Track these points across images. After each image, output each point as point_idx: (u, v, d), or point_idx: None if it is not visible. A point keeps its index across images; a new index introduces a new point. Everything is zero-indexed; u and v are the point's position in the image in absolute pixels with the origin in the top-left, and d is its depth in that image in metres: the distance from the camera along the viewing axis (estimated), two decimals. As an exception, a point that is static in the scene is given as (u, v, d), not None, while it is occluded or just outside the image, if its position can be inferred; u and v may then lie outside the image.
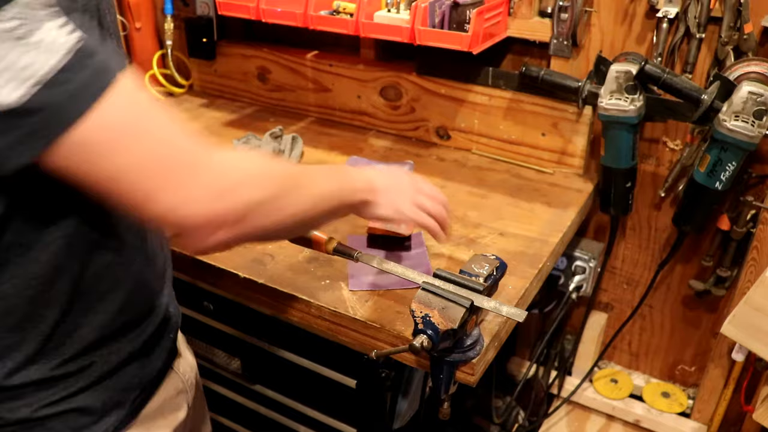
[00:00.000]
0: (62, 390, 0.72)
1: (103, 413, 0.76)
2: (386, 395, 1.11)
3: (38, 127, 0.54)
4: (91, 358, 0.73)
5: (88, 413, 0.74)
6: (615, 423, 1.68)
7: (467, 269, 0.89)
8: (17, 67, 0.53)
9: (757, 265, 1.30)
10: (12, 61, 0.52)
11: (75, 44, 0.55)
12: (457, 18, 1.25)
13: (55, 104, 0.54)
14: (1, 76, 0.52)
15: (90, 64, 0.56)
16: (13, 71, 0.53)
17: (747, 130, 1.13)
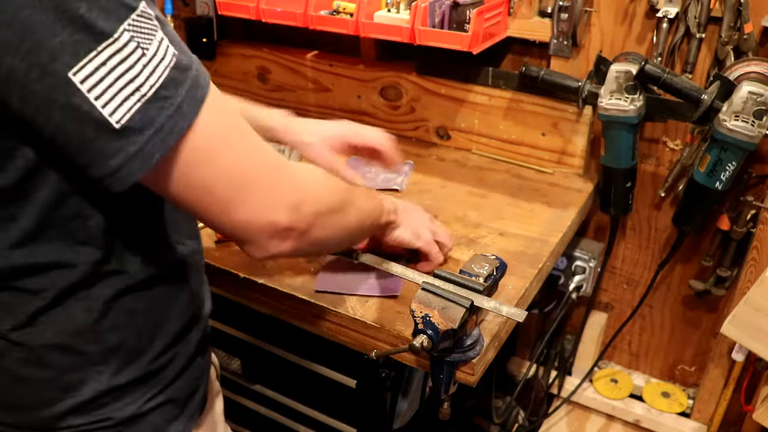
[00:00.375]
0: (158, 383, 0.74)
1: (186, 402, 0.78)
2: (386, 395, 1.11)
3: (146, 146, 0.54)
4: (176, 350, 0.75)
5: (177, 404, 0.77)
6: (615, 423, 1.68)
7: (467, 269, 0.89)
8: (129, 82, 0.53)
9: (757, 265, 1.30)
10: (127, 77, 0.53)
11: (172, 58, 0.55)
12: (457, 18, 1.25)
13: (161, 122, 0.54)
14: (118, 94, 0.52)
15: (186, 78, 0.56)
16: (127, 87, 0.53)
17: (747, 130, 1.13)
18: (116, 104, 0.52)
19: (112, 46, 0.51)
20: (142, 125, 0.54)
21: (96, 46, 0.50)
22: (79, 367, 0.68)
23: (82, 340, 0.67)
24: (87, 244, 0.64)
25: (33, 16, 0.48)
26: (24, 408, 0.69)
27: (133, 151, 0.54)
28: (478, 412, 1.72)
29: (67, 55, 0.50)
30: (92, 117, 0.52)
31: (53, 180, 0.59)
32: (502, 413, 1.69)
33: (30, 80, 0.50)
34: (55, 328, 0.66)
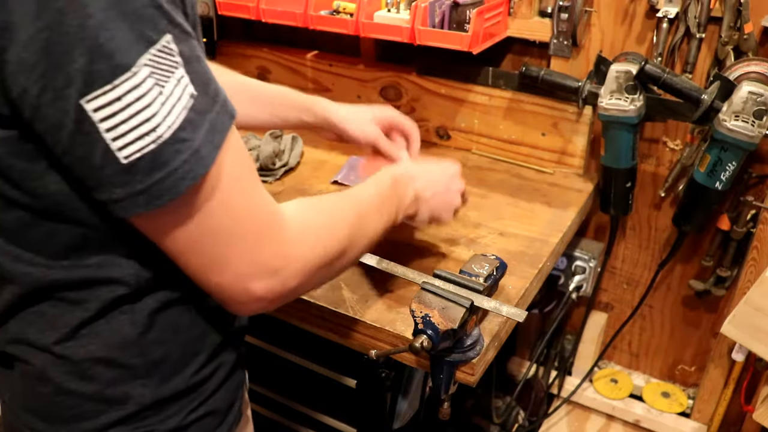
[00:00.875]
0: (200, 395, 0.73)
1: (226, 414, 0.78)
2: (386, 395, 1.11)
3: (154, 187, 0.53)
4: (218, 362, 0.74)
5: (217, 415, 0.76)
6: (615, 423, 1.68)
7: (467, 269, 0.89)
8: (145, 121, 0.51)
9: (757, 265, 1.30)
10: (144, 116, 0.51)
11: (189, 99, 0.53)
12: (457, 18, 1.25)
13: (175, 165, 0.52)
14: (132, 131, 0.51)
15: (204, 121, 0.54)
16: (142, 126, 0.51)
17: (747, 130, 1.13)
18: (128, 141, 0.51)
19: (129, 81, 0.49)
20: (153, 166, 0.52)
21: (113, 79, 0.49)
22: (124, 381, 0.67)
23: (126, 353, 0.66)
24: (131, 258, 0.63)
25: (52, 39, 0.47)
26: (66, 420, 0.68)
27: (139, 188, 0.52)
28: (478, 412, 1.72)
29: (82, 83, 0.48)
30: (101, 147, 0.51)
31: (83, 205, 0.58)
32: (502, 413, 1.69)
33: (42, 102, 0.49)
34: (99, 341, 0.65)
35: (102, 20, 0.47)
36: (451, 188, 0.98)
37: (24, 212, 0.58)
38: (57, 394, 0.67)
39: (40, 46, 0.47)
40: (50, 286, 0.62)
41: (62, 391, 0.66)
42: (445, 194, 0.96)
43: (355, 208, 0.76)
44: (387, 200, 0.82)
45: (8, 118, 0.52)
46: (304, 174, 1.41)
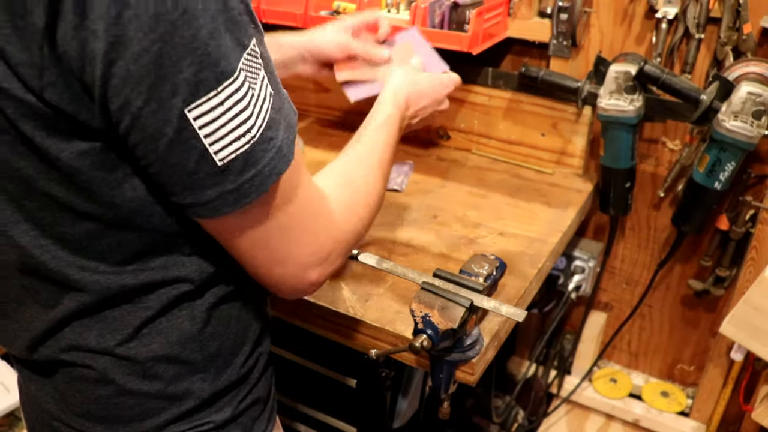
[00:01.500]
0: (248, 384, 0.75)
1: (267, 400, 0.80)
2: (386, 395, 1.11)
3: (244, 185, 0.55)
4: (259, 351, 0.77)
5: (260, 403, 0.78)
6: (614, 422, 1.69)
7: (467, 269, 0.89)
8: (242, 123, 0.53)
9: (755, 264, 1.30)
10: (241, 118, 0.53)
11: (270, 99, 0.55)
12: (456, 18, 1.26)
13: (264, 163, 0.55)
14: (229, 134, 0.52)
15: (282, 119, 0.57)
16: (239, 128, 0.53)
17: (746, 130, 1.13)
18: (224, 143, 0.52)
19: (230, 86, 0.51)
20: (245, 166, 0.54)
21: (217, 86, 0.50)
22: (184, 377, 0.68)
23: (186, 349, 0.67)
24: (194, 255, 0.64)
25: (163, 50, 0.48)
26: (125, 420, 0.68)
27: (230, 188, 0.54)
28: (478, 411, 1.72)
29: (188, 92, 0.49)
30: (197, 152, 0.52)
31: (158, 210, 0.60)
32: (502, 413, 1.69)
33: (145, 112, 0.50)
34: (161, 339, 0.66)
35: (211, 30, 0.49)
36: (437, 109, 1.06)
37: (95, 223, 0.59)
38: (118, 395, 0.67)
39: (150, 59, 0.48)
40: (118, 291, 0.62)
41: (124, 391, 0.66)
42: (428, 117, 1.04)
43: (378, 167, 0.80)
44: (395, 141, 0.88)
45: (99, 131, 0.53)
46: (304, 174, 1.41)
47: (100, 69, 0.48)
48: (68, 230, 0.59)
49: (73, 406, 0.69)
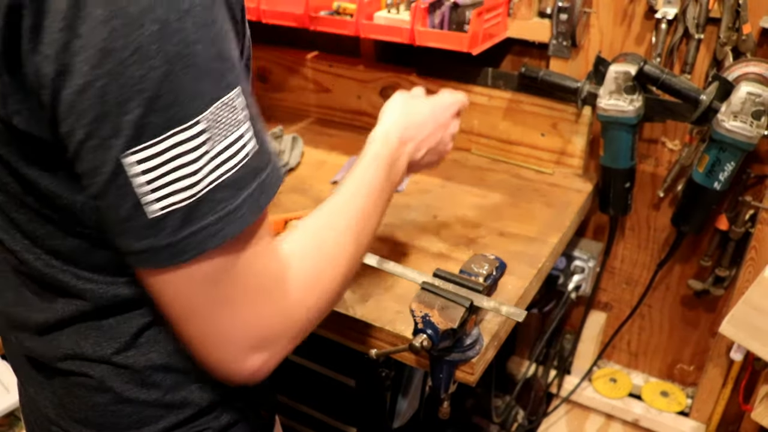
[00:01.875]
0: (247, 392, 0.74)
1: (266, 405, 0.79)
2: (386, 395, 1.12)
3: (179, 243, 0.50)
4: None
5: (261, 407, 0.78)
6: (614, 422, 1.69)
7: (467, 269, 0.89)
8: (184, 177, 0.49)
9: (755, 264, 1.30)
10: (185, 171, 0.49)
11: (244, 158, 0.51)
12: (456, 18, 1.26)
13: (205, 224, 0.50)
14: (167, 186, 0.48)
15: (253, 182, 0.52)
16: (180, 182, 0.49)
17: (745, 130, 1.13)
18: (161, 195, 0.48)
19: (180, 135, 0.47)
20: (183, 223, 0.50)
21: (164, 133, 0.47)
22: (183, 385, 0.67)
23: (185, 358, 0.65)
24: None
25: (108, 88, 0.45)
26: (123, 427, 0.68)
27: (163, 243, 0.50)
28: (478, 411, 1.73)
29: (130, 134, 0.46)
30: (132, 199, 0.49)
31: None
32: (502, 412, 1.69)
33: (86, 146, 0.48)
34: (159, 348, 0.65)
35: (166, 72, 0.46)
36: (444, 135, 0.91)
37: (84, 241, 0.58)
38: (116, 403, 0.66)
39: (94, 93, 0.45)
40: (112, 301, 0.62)
41: (122, 399, 0.66)
42: (437, 146, 0.90)
43: (358, 221, 0.69)
44: (387, 185, 0.77)
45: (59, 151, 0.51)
46: (304, 174, 1.42)
47: (49, 94, 0.46)
48: (60, 243, 0.59)
49: (71, 412, 0.68)
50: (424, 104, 0.90)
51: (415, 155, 0.85)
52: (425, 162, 0.88)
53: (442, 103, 0.93)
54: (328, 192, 1.36)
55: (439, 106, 0.92)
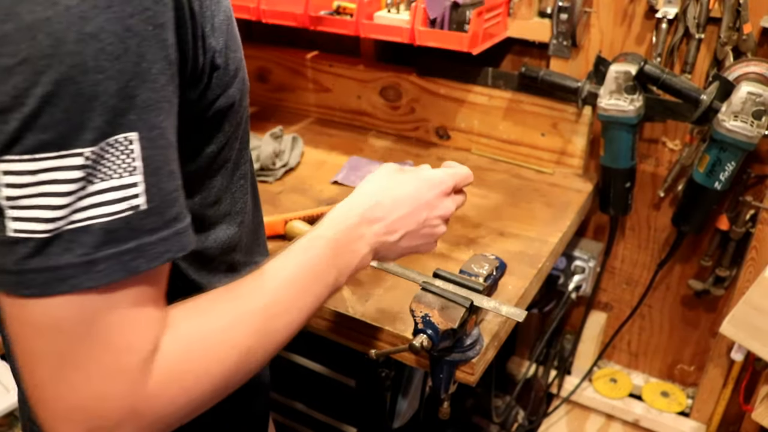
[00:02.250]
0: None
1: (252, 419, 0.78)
2: (386, 395, 1.11)
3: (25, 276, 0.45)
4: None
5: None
6: (614, 422, 1.69)
7: (467, 269, 0.89)
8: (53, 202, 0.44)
9: (755, 264, 1.30)
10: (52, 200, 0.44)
11: (125, 211, 0.46)
12: (456, 18, 1.26)
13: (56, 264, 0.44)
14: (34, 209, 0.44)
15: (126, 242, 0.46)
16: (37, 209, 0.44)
17: (746, 130, 1.13)
18: (18, 215, 0.44)
19: (54, 161, 0.43)
20: (34, 253, 0.44)
21: (36, 153, 0.43)
22: None
23: None
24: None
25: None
26: None
27: (12, 269, 0.45)
28: (478, 411, 1.72)
29: (3, 141, 0.43)
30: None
31: None
32: (502, 413, 1.69)
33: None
34: None
35: (50, 93, 0.42)
36: (430, 216, 0.75)
37: None
38: None
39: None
40: None
41: None
42: (421, 229, 0.75)
43: (261, 320, 0.57)
44: (319, 282, 0.64)
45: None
46: (305, 174, 1.41)
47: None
48: None
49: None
50: (409, 179, 0.76)
51: (387, 238, 0.71)
52: (405, 246, 0.74)
53: (431, 179, 0.77)
54: (327, 192, 1.37)
55: (427, 181, 0.76)
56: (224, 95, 0.57)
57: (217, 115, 0.57)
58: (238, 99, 0.59)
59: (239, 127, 0.62)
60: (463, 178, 0.82)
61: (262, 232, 0.79)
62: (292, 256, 0.63)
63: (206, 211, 0.63)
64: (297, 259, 0.62)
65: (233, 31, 0.57)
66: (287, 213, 1.17)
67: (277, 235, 1.16)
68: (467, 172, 0.83)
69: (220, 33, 0.54)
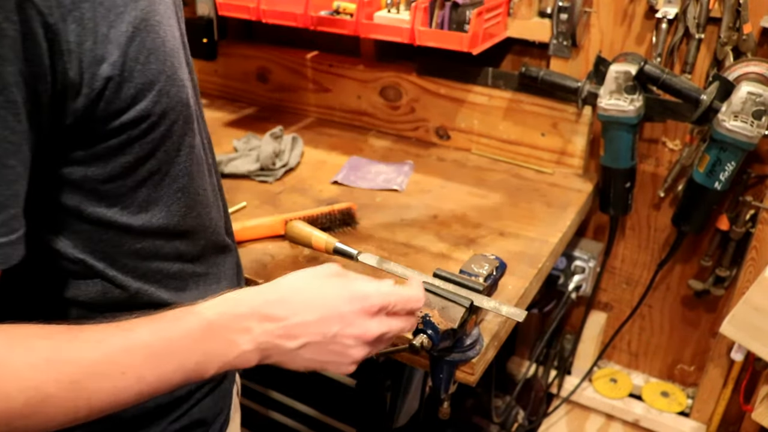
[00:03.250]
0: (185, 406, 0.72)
1: (212, 422, 0.77)
2: (386, 395, 1.11)
3: None
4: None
5: (202, 423, 0.74)
6: (614, 422, 1.69)
7: (467, 269, 0.89)
8: None
9: (756, 264, 1.30)
10: None
11: None
12: (456, 18, 1.26)
13: None
14: None
15: None
16: None
17: (746, 130, 1.13)
18: None
19: None
20: None
21: None
22: None
23: None
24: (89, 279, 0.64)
25: None
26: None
27: None
28: (478, 411, 1.72)
29: None
30: None
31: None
32: (502, 413, 1.69)
33: None
34: None
35: None
36: (342, 333, 0.63)
37: None
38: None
39: None
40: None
41: None
42: (329, 344, 0.63)
43: (84, 367, 0.52)
44: (176, 353, 0.56)
45: None
46: (304, 174, 1.41)
47: None
48: None
49: None
50: (332, 285, 0.65)
51: (283, 341, 0.61)
52: (308, 358, 0.63)
53: (356, 291, 0.64)
54: (327, 192, 1.37)
55: (350, 292, 0.64)
56: (133, 108, 0.56)
57: (127, 126, 0.57)
58: (158, 114, 0.58)
59: (166, 140, 0.61)
60: (404, 299, 0.67)
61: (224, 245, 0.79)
62: (156, 320, 0.56)
63: (132, 220, 0.63)
64: (158, 325, 0.56)
65: (147, 44, 0.56)
66: (287, 213, 1.17)
67: (277, 235, 1.16)
68: (412, 294, 0.68)
69: (116, 45, 0.53)
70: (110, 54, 0.53)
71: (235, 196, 1.28)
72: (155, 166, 0.62)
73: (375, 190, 1.34)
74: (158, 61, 0.57)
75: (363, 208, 1.25)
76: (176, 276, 0.71)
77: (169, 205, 0.65)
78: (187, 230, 0.70)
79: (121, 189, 0.61)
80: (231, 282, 0.82)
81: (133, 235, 0.64)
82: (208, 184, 0.73)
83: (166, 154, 0.62)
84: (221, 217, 0.78)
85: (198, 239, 0.72)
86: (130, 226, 0.63)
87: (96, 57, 0.52)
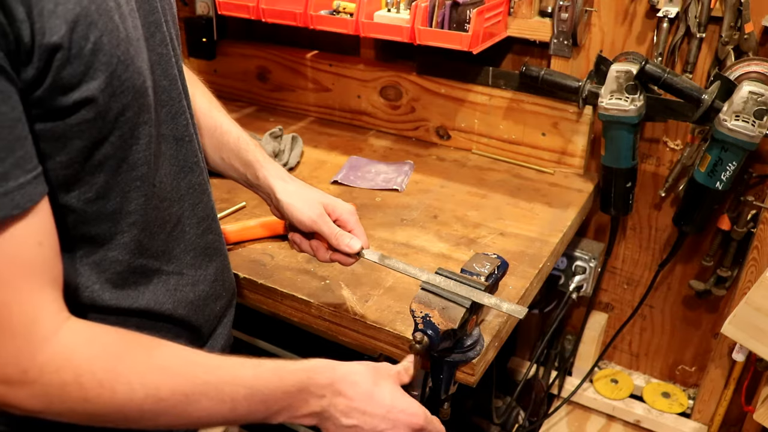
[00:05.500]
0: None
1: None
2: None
3: None
4: None
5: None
6: (615, 423, 1.68)
7: (468, 268, 0.89)
8: None
9: (757, 265, 1.30)
10: None
11: None
12: (457, 18, 1.25)
13: None
14: None
15: None
16: None
17: (747, 129, 1.13)
18: None
19: None
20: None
21: None
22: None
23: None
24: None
25: None
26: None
27: None
28: (478, 412, 1.72)
29: None
30: None
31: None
32: (502, 413, 1.69)
33: None
34: None
35: None
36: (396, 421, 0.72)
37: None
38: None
39: None
40: None
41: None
42: (377, 425, 0.71)
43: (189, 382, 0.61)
44: (244, 404, 0.65)
45: None
46: (304, 174, 1.41)
47: None
48: None
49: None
50: (390, 393, 0.73)
51: (340, 418, 0.70)
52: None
53: (415, 408, 0.74)
54: (327, 192, 1.36)
55: (410, 407, 0.73)
56: (81, 88, 0.57)
57: (77, 106, 0.57)
58: (108, 95, 0.59)
59: (119, 125, 0.62)
60: (438, 429, 0.77)
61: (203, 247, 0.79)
62: (260, 365, 0.66)
63: (88, 206, 0.64)
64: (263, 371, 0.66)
65: (98, 24, 0.56)
66: (287, 213, 1.16)
67: (277, 235, 1.15)
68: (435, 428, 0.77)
69: (63, 21, 0.54)
70: (58, 28, 0.54)
71: (235, 196, 1.28)
72: (110, 151, 0.62)
73: (375, 190, 1.34)
74: (111, 44, 0.58)
75: (363, 208, 1.24)
76: (136, 270, 0.71)
77: (126, 192, 0.66)
78: (149, 221, 0.70)
79: (80, 174, 0.61)
80: (211, 289, 0.82)
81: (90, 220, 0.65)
82: (182, 180, 0.74)
83: (121, 139, 0.63)
84: (195, 216, 0.79)
85: (159, 233, 0.73)
86: (85, 211, 0.64)
87: (43, 29, 0.53)
